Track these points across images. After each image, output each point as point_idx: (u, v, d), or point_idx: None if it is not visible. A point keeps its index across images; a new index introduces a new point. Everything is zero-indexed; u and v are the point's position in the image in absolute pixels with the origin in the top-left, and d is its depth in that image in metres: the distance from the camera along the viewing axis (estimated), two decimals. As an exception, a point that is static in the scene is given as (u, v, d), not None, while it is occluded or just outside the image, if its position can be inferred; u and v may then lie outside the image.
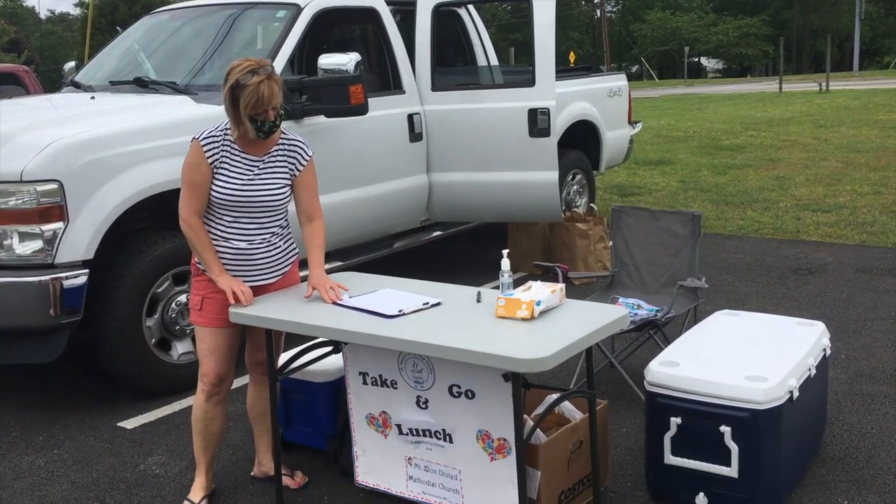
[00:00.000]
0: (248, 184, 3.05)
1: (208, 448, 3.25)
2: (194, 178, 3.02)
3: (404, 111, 5.59)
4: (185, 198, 3.04)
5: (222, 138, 3.05)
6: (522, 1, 5.70)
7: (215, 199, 3.04)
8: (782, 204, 8.57)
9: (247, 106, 2.93)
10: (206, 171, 3.02)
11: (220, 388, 3.18)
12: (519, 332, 2.67)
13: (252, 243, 3.11)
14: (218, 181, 3.03)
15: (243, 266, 3.12)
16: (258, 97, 2.91)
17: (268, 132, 3.03)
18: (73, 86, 5.54)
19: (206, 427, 3.20)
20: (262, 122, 2.98)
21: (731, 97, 25.64)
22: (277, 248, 3.19)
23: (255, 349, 3.30)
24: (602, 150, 7.34)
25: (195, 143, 3.04)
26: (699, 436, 2.97)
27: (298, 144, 3.18)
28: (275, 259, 3.19)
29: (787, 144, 13.16)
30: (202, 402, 3.18)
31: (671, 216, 4.44)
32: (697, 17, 52.57)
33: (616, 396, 4.06)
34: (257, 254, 3.13)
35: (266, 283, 3.18)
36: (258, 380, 3.34)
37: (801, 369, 3.11)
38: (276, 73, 3.01)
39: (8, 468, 3.68)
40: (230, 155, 3.05)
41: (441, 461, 2.95)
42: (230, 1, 5.81)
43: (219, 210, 3.07)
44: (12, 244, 3.84)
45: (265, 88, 2.92)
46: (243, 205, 3.05)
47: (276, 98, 2.97)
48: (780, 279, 6.00)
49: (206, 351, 3.14)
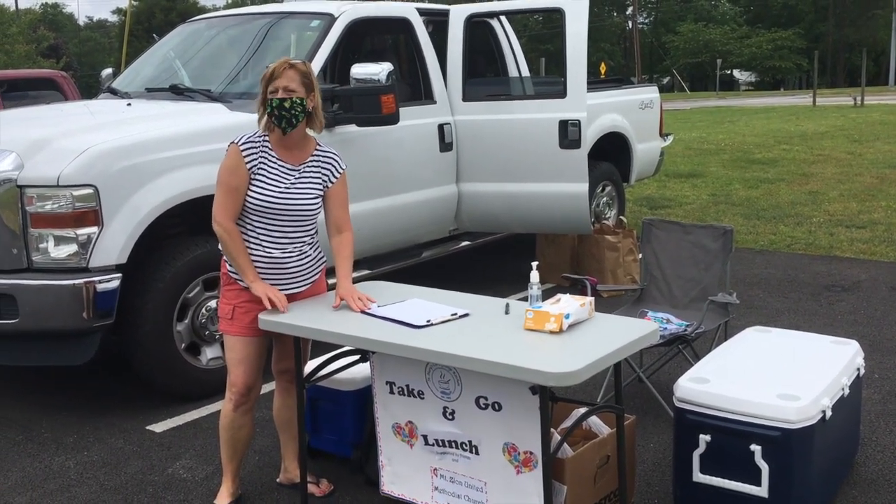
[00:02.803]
0: (285, 192, 3.06)
1: (235, 455, 3.27)
2: (231, 181, 3.04)
3: (435, 121, 5.61)
4: (220, 202, 3.06)
5: (261, 144, 3.08)
6: (554, 12, 5.69)
7: (251, 204, 3.06)
8: (815, 219, 8.46)
9: (263, 84, 3.01)
10: (244, 175, 3.04)
11: (248, 398, 3.19)
12: (547, 345, 2.66)
13: (285, 251, 3.12)
14: (255, 187, 3.05)
15: (275, 274, 3.13)
16: (269, 70, 3.01)
17: (280, 117, 3.00)
18: (109, 92, 5.62)
19: (233, 435, 3.22)
20: (271, 100, 2.99)
21: (764, 110, 25.39)
22: (308, 256, 3.21)
23: (282, 357, 3.31)
24: (632, 162, 7.29)
25: (234, 147, 3.06)
26: (729, 454, 2.93)
27: (333, 157, 3.20)
28: (305, 267, 3.20)
29: (820, 159, 12.99)
30: (230, 412, 3.19)
31: (702, 230, 4.39)
32: (730, 30, 52.17)
33: (644, 411, 4.03)
34: (289, 262, 3.14)
35: (296, 291, 3.20)
36: (284, 387, 3.35)
37: (835, 388, 3.06)
38: (304, 64, 3.08)
39: (38, 469, 3.73)
40: (268, 161, 3.07)
41: (467, 473, 2.94)
42: (265, 10, 5.88)
43: (253, 217, 3.09)
44: (48, 248, 3.90)
45: (276, 67, 3.02)
46: (278, 212, 3.07)
47: (289, 81, 3.00)
48: (812, 296, 5.92)
49: (235, 360, 3.14)
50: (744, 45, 50.80)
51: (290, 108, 3.01)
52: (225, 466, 3.29)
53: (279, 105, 3.00)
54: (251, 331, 3.11)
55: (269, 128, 3.09)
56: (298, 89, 3.02)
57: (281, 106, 3.00)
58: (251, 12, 5.99)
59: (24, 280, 3.90)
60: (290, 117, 3.02)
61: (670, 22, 56.72)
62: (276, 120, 3.02)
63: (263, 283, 3.09)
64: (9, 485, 3.59)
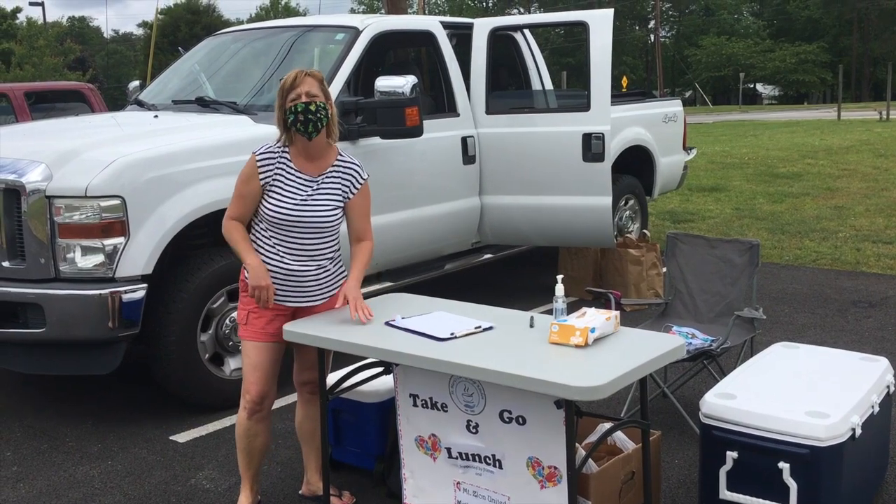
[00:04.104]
0: (301, 204, 3.06)
1: (251, 464, 3.26)
2: (242, 189, 3.09)
3: (458, 134, 5.62)
4: (231, 202, 3.14)
5: (279, 155, 3.09)
6: (578, 25, 5.70)
7: (268, 215, 3.07)
8: (841, 234, 8.37)
9: (279, 95, 3.02)
10: (256, 186, 3.06)
11: (262, 406, 3.18)
12: (572, 359, 2.64)
13: (304, 264, 3.12)
14: (271, 198, 3.06)
15: (293, 286, 3.13)
16: (285, 79, 3.02)
17: (306, 122, 2.99)
18: (137, 104, 5.69)
19: (249, 444, 3.22)
20: (295, 105, 2.99)
21: (788, 124, 25.21)
22: (327, 270, 3.19)
23: (303, 368, 3.31)
24: (656, 175, 7.26)
25: (252, 157, 3.10)
26: (756, 471, 2.89)
27: (354, 167, 3.20)
28: (325, 280, 3.19)
29: (846, 173, 12.87)
30: (244, 420, 3.19)
31: (728, 244, 4.36)
32: (754, 43, 51.95)
33: (668, 427, 3.98)
34: (307, 275, 3.13)
35: (313, 304, 3.19)
36: (306, 399, 3.35)
37: (864, 406, 3.02)
38: (319, 73, 3.09)
39: (63, 478, 3.75)
40: (285, 172, 3.08)
41: (490, 487, 2.92)
42: (290, 24, 5.93)
43: (271, 228, 3.10)
44: (75, 257, 3.94)
45: (293, 75, 3.03)
46: (295, 223, 3.07)
47: (308, 86, 3.01)
48: (839, 311, 5.84)
49: (249, 366, 3.15)
50: (767, 58, 50.56)
51: (315, 111, 3.01)
52: (243, 475, 3.30)
53: (304, 109, 3.00)
54: (264, 336, 3.12)
55: (290, 140, 3.09)
56: (319, 94, 3.04)
57: (307, 110, 3.00)
58: (276, 25, 6.05)
59: (51, 290, 3.94)
60: (315, 120, 3.02)
61: (693, 35, 56.58)
62: (301, 125, 3.01)
63: (264, 271, 3.06)
64: (34, 493, 3.61)
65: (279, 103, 3.05)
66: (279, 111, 3.06)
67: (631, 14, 57.76)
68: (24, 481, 3.72)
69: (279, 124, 3.09)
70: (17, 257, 4.04)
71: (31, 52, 27.46)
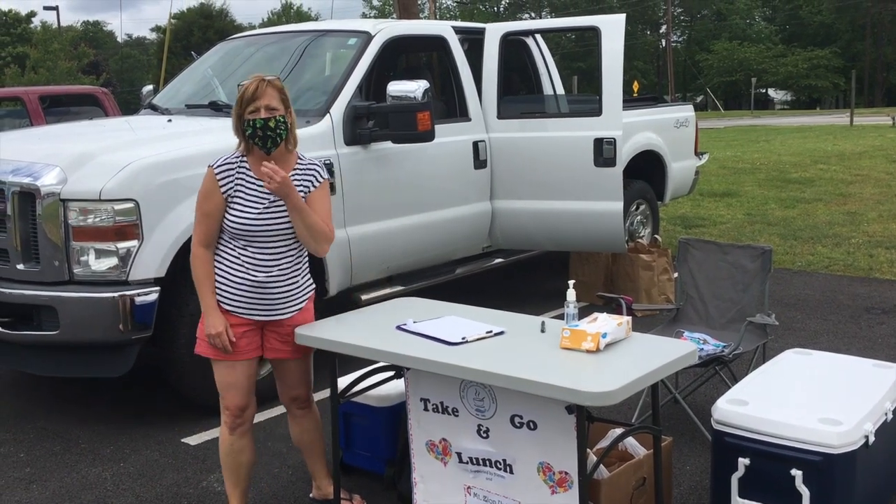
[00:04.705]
0: (264, 212, 2.96)
1: (239, 482, 3.20)
2: (205, 207, 2.99)
3: (469, 138, 5.62)
4: (195, 227, 3.03)
5: (237, 165, 3.00)
6: (590, 30, 5.70)
7: (230, 228, 2.97)
8: (854, 240, 8.32)
9: (238, 104, 2.92)
10: (219, 200, 2.97)
11: (244, 418, 3.13)
12: (584, 365, 2.64)
13: (269, 274, 3.00)
14: (233, 210, 2.97)
15: (259, 299, 3.02)
16: (243, 91, 2.92)
17: (265, 137, 2.91)
18: (150, 108, 5.72)
19: (234, 460, 3.16)
20: (253, 120, 2.90)
21: (800, 129, 25.11)
22: (295, 281, 3.08)
23: (286, 387, 3.23)
24: (667, 180, 7.24)
25: (209, 171, 2.99)
26: (768, 478, 2.88)
27: (315, 168, 3.10)
28: (291, 293, 3.08)
29: (858, 179, 12.80)
30: (227, 436, 3.14)
31: (740, 250, 4.34)
32: (766, 48, 51.77)
33: (679, 433, 3.97)
34: (274, 286, 3.02)
35: (281, 317, 3.08)
36: (296, 415, 3.28)
37: (878, 413, 3.00)
38: (279, 80, 2.99)
39: (75, 479, 3.77)
40: (245, 182, 2.98)
41: (500, 492, 2.92)
42: (303, 28, 5.95)
43: (235, 240, 3.00)
44: (88, 260, 3.96)
45: (255, 85, 2.92)
46: (259, 234, 2.97)
47: (270, 99, 2.91)
48: (852, 318, 5.81)
49: (224, 384, 3.08)
50: (779, 63, 50.38)
51: (274, 127, 2.93)
52: (230, 494, 3.22)
53: (263, 125, 2.91)
54: (234, 354, 3.03)
55: (248, 148, 3.00)
56: (279, 107, 2.94)
57: (266, 126, 2.91)
58: (289, 30, 6.08)
59: (64, 292, 3.97)
60: (275, 136, 2.94)
61: (704, 40, 56.43)
62: (260, 141, 2.93)
63: (219, 318, 2.98)
64: (47, 495, 3.63)
65: (237, 111, 2.95)
66: (237, 120, 2.96)
67: (642, 19, 57.68)
68: (36, 482, 3.75)
69: (237, 132, 3.00)
70: (32, 260, 4.07)
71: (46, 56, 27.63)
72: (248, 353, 3.06)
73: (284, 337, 3.10)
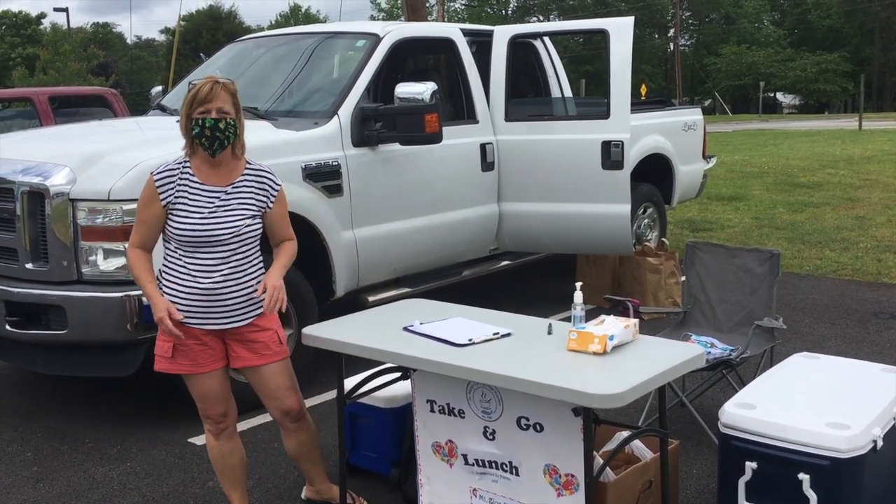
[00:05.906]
0: (209, 217, 2.87)
1: (236, 484, 3.18)
2: (143, 213, 2.92)
3: (477, 140, 5.63)
4: (133, 228, 2.97)
5: (179, 172, 2.91)
6: (598, 33, 5.69)
7: (175, 235, 2.89)
8: (862, 244, 8.29)
9: (188, 104, 2.84)
10: (158, 209, 2.89)
11: (226, 422, 3.11)
12: (591, 367, 2.63)
13: (214, 280, 2.89)
14: (177, 217, 2.87)
15: (210, 306, 2.91)
16: (196, 91, 2.83)
17: (212, 138, 2.84)
18: (159, 109, 5.74)
19: (225, 463, 3.14)
20: (203, 119, 2.81)
21: (808, 133, 25.04)
22: (247, 287, 2.95)
23: (270, 399, 3.13)
24: (675, 184, 7.24)
25: (149, 179, 2.90)
26: (775, 482, 2.87)
27: (266, 174, 3.01)
28: (245, 299, 2.96)
29: (867, 183, 12.75)
30: (213, 442, 3.12)
31: (748, 254, 4.33)
32: (774, 52, 51.64)
33: (686, 436, 3.96)
34: (224, 292, 2.91)
35: (237, 325, 2.97)
36: (289, 429, 3.20)
37: (886, 418, 2.98)
38: (232, 83, 2.92)
39: (82, 478, 3.78)
40: (188, 188, 2.89)
41: (506, 494, 2.91)
42: (311, 30, 5.97)
43: (181, 248, 2.90)
44: (97, 260, 3.98)
45: (209, 86, 2.84)
46: (206, 239, 2.87)
47: (222, 101, 2.84)
48: (860, 322, 5.79)
49: (198, 396, 3.04)
50: (787, 67, 50.24)
51: (224, 129, 2.85)
52: (230, 496, 3.20)
53: (213, 126, 2.83)
54: (199, 367, 2.98)
55: (193, 150, 2.92)
56: (231, 111, 2.87)
57: (215, 126, 2.83)
58: (297, 32, 6.10)
59: (73, 292, 3.99)
60: (223, 139, 2.86)
61: (713, 44, 56.31)
62: (207, 141, 2.84)
63: (161, 301, 2.88)
64: (54, 494, 3.64)
65: (186, 111, 2.86)
66: (185, 119, 2.87)
67: (651, 22, 57.61)
68: (43, 481, 3.76)
69: (184, 132, 2.90)
70: (41, 259, 4.09)
71: (56, 58, 27.77)
72: (211, 364, 2.99)
73: (248, 344, 3.01)
